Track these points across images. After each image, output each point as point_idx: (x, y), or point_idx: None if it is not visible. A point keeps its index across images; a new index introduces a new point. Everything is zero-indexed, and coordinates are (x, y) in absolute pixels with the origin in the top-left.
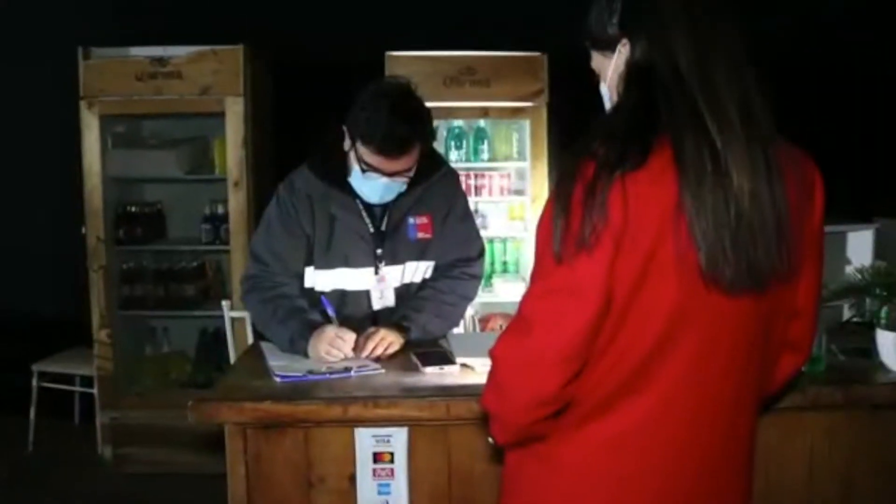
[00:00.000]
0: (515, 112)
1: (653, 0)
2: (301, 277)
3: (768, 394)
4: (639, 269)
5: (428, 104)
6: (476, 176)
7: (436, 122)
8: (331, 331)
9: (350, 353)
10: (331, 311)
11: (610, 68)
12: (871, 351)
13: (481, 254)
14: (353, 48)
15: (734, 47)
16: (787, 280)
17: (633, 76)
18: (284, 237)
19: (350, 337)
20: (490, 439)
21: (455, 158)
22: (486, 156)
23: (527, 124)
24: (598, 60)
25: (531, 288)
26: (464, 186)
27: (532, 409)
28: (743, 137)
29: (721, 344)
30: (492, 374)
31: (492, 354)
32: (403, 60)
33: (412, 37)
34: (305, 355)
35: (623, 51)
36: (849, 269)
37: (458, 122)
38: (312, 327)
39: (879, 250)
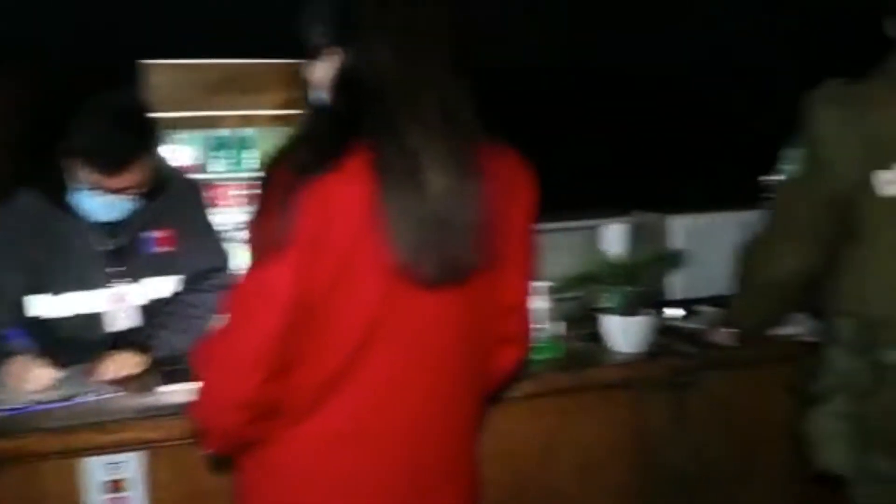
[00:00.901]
0: (279, 119)
1: (359, 11)
2: (19, 306)
3: (489, 388)
4: (335, 271)
5: (189, 114)
6: (244, 186)
7: (200, 132)
8: (17, 364)
9: (41, 386)
10: (22, 342)
11: (318, 75)
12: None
13: (227, 264)
14: (111, 57)
15: (440, 55)
16: (489, 274)
17: (338, 83)
18: (1, 264)
19: (41, 371)
20: (204, 451)
21: (221, 168)
22: (253, 164)
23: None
24: (307, 67)
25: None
26: (230, 196)
27: (231, 411)
28: (443, 140)
29: (428, 341)
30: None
31: (191, 356)
32: (162, 69)
33: (173, 45)
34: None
35: (330, 59)
36: None
37: (223, 132)
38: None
39: (637, 242)
